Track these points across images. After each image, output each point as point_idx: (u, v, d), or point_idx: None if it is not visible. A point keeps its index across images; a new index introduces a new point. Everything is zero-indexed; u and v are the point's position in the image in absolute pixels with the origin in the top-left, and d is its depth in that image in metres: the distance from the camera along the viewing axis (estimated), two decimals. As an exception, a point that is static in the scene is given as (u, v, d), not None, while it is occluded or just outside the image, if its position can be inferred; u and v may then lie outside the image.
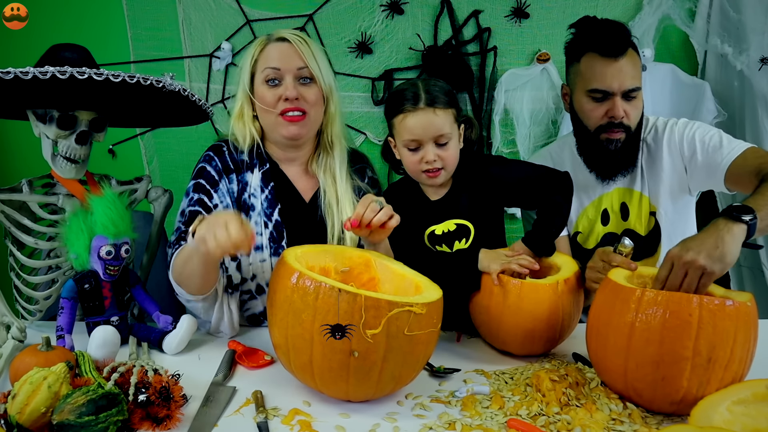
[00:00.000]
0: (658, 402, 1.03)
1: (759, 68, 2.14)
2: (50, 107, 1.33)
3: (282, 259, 1.12)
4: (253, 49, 1.44)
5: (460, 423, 1.02)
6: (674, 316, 0.98)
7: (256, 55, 1.43)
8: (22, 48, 2.30)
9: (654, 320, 1.00)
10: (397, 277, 1.22)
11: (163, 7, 2.37)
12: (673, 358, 0.99)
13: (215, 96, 2.44)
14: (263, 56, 1.43)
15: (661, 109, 2.28)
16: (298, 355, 1.06)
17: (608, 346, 1.07)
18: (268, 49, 1.43)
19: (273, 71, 1.40)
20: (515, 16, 2.35)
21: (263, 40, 1.44)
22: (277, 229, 1.44)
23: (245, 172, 1.46)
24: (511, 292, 1.25)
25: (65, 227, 1.33)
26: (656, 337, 1.00)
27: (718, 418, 0.91)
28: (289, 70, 1.40)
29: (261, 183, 1.46)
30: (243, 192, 1.45)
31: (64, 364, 0.99)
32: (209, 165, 1.46)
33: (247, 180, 1.46)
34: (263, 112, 1.43)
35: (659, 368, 1.00)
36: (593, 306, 1.14)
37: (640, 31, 2.25)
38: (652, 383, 1.01)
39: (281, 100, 1.40)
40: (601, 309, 1.11)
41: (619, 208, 1.63)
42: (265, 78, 1.41)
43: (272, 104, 1.41)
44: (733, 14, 2.19)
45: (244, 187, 1.45)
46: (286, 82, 1.40)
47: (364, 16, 2.37)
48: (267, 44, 1.43)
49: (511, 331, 1.27)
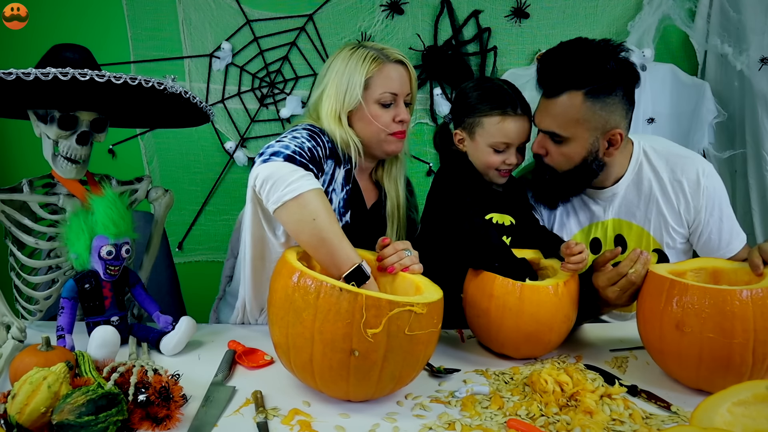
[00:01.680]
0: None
1: (759, 68, 2.14)
2: (51, 107, 1.33)
3: (283, 257, 1.12)
4: (365, 62, 1.41)
5: (459, 423, 1.02)
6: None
7: (371, 73, 1.41)
8: (23, 48, 2.30)
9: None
10: (398, 277, 1.22)
11: (163, 7, 2.38)
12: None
13: (215, 96, 2.44)
14: (382, 76, 1.42)
15: (661, 109, 2.28)
16: (298, 354, 1.06)
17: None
18: (387, 70, 1.42)
19: (392, 96, 1.43)
20: (515, 16, 2.35)
21: (376, 58, 1.42)
22: (345, 231, 1.43)
23: (337, 166, 1.44)
24: (512, 294, 1.25)
25: (66, 227, 1.33)
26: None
27: (719, 419, 0.91)
28: (402, 95, 1.45)
29: (343, 181, 1.46)
30: (330, 184, 1.42)
31: (64, 364, 0.99)
32: (322, 136, 1.36)
33: (335, 174, 1.44)
34: (371, 128, 1.43)
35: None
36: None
37: (640, 31, 2.25)
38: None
39: (395, 121, 1.44)
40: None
41: (614, 239, 1.55)
42: (381, 100, 1.42)
43: (387, 124, 1.44)
44: (733, 14, 2.19)
45: (331, 180, 1.43)
46: (400, 106, 1.45)
47: (364, 16, 2.37)
48: (383, 64, 1.42)
49: (512, 334, 1.26)
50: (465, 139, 1.45)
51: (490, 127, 1.40)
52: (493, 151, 1.41)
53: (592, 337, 1.43)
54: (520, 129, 1.40)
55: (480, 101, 1.41)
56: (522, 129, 1.40)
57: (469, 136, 1.44)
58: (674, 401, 1.11)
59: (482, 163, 1.44)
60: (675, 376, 1.19)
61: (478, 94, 1.42)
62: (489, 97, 1.40)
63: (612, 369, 1.26)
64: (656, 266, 1.24)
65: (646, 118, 2.28)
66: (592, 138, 1.38)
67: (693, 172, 1.46)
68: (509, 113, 1.38)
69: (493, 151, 1.41)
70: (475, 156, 1.45)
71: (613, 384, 1.14)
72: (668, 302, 1.14)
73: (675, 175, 1.47)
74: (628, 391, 1.14)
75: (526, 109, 1.41)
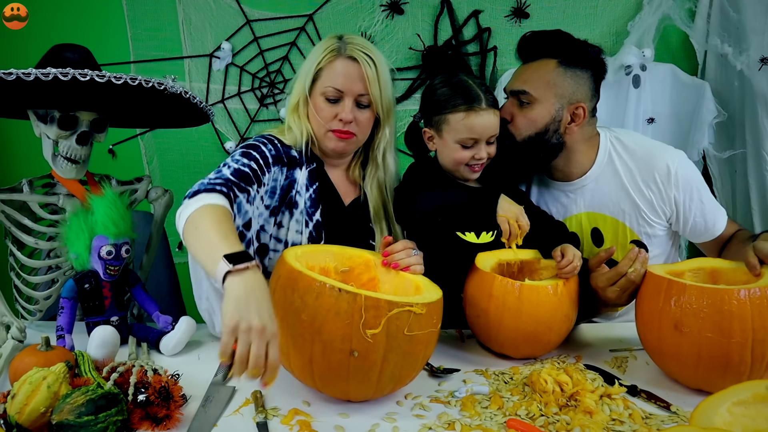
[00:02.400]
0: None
1: (759, 68, 2.14)
2: (51, 108, 1.33)
3: (282, 258, 1.12)
4: (320, 53, 1.39)
5: (459, 423, 1.02)
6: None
7: (322, 64, 1.38)
8: (23, 48, 2.29)
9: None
10: (397, 277, 1.22)
11: (163, 7, 2.37)
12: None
13: (215, 96, 2.44)
14: (330, 69, 1.38)
15: (661, 109, 2.28)
16: (297, 354, 1.06)
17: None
18: (336, 65, 1.37)
19: (335, 92, 1.37)
20: (515, 16, 2.35)
21: (333, 50, 1.38)
22: (317, 230, 1.43)
23: (293, 169, 1.43)
24: (511, 294, 1.24)
25: (66, 227, 1.33)
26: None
27: (719, 419, 0.91)
28: (351, 93, 1.37)
29: (307, 181, 1.44)
30: (291, 188, 1.42)
31: (64, 364, 0.99)
32: (264, 147, 1.38)
33: (295, 177, 1.42)
34: (315, 120, 1.41)
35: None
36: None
37: (640, 31, 2.25)
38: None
39: (336, 119, 1.39)
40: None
41: (590, 233, 1.55)
42: (325, 94, 1.38)
43: (327, 119, 1.39)
44: (733, 14, 2.19)
45: (292, 183, 1.42)
46: (345, 104, 1.38)
47: (364, 16, 2.37)
48: (336, 58, 1.37)
49: (511, 334, 1.26)
50: (434, 137, 1.43)
51: (456, 123, 1.37)
52: (461, 147, 1.39)
53: (592, 337, 1.43)
54: (487, 123, 1.37)
55: (445, 98, 1.39)
56: (488, 123, 1.37)
57: (437, 133, 1.42)
58: (674, 401, 1.11)
59: (451, 159, 1.41)
60: (674, 377, 1.19)
61: (443, 91, 1.40)
62: (454, 94, 1.38)
63: (612, 369, 1.26)
64: (654, 266, 1.25)
65: (646, 118, 2.27)
66: (558, 105, 1.43)
67: (662, 163, 1.46)
68: (474, 108, 1.35)
69: (461, 147, 1.39)
70: (444, 153, 1.43)
71: (613, 384, 1.14)
72: (666, 302, 1.14)
73: (645, 168, 1.48)
74: (628, 391, 1.14)
75: (493, 102, 1.38)
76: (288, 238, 1.41)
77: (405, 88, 2.39)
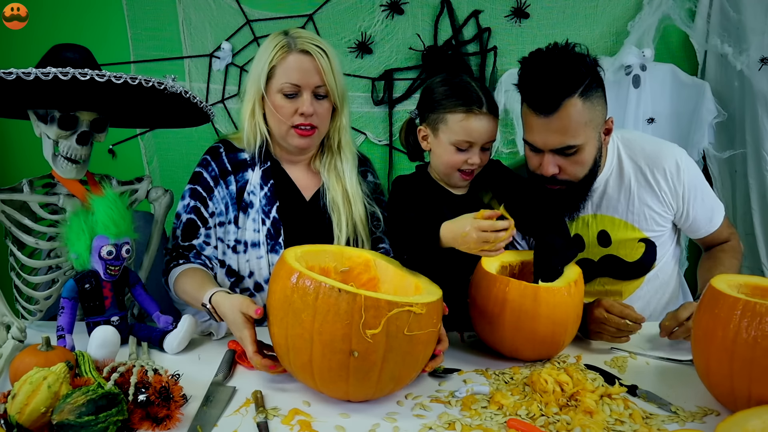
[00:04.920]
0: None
1: (759, 68, 2.14)
2: (52, 107, 1.33)
3: (282, 259, 1.12)
4: (271, 51, 1.39)
5: (459, 423, 1.02)
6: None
7: (275, 61, 1.39)
8: (23, 48, 2.30)
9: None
10: (397, 277, 1.23)
11: (163, 7, 2.37)
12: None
13: (215, 96, 2.44)
14: (283, 66, 1.39)
15: (661, 109, 2.28)
16: (297, 355, 1.06)
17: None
18: (289, 60, 1.39)
19: (292, 87, 1.39)
20: (515, 16, 2.35)
21: (284, 46, 1.39)
22: (275, 226, 1.45)
23: (245, 171, 1.47)
24: (527, 297, 1.22)
25: (66, 227, 1.33)
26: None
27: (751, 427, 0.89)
28: (308, 87, 1.39)
29: (261, 181, 1.47)
30: (243, 190, 1.46)
31: (64, 364, 0.99)
32: (206, 171, 1.48)
33: (247, 178, 1.47)
34: (275, 119, 1.43)
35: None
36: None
37: (640, 31, 2.24)
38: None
39: (297, 114, 1.40)
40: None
41: (597, 236, 1.53)
42: (282, 90, 1.39)
43: (288, 116, 1.41)
44: (733, 14, 2.19)
45: (244, 185, 1.47)
46: (304, 97, 1.39)
47: (364, 16, 2.37)
48: (288, 53, 1.39)
49: (528, 337, 1.24)
50: (429, 136, 1.42)
51: (454, 124, 1.35)
52: (456, 149, 1.37)
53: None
54: (485, 128, 1.35)
55: (445, 97, 1.37)
56: (487, 128, 1.35)
57: (432, 132, 1.40)
58: (674, 401, 1.11)
59: (444, 162, 1.39)
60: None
61: (443, 89, 1.38)
62: (454, 93, 1.36)
63: (612, 369, 1.25)
64: (718, 283, 1.09)
65: (646, 118, 2.27)
66: (597, 134, 1.39)
67: (672, 159, 1.49)
68: (474, 111, 1.34)
69: (455, 149, 1.36)
70: (437, 154, 1.41)
71: (613, 384, 1.14)
72: (740, 326, 1.00)
73: (655, 164, 1.49)
74: (628, 391, 1.14)
75: (493, 107, 1.37)
76: (246, 238, 1.45)
77: (405, 88, 2.39)
